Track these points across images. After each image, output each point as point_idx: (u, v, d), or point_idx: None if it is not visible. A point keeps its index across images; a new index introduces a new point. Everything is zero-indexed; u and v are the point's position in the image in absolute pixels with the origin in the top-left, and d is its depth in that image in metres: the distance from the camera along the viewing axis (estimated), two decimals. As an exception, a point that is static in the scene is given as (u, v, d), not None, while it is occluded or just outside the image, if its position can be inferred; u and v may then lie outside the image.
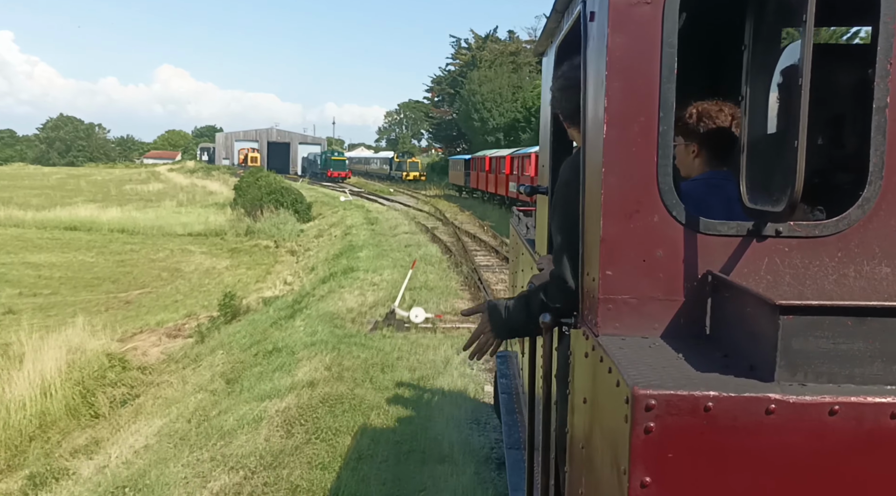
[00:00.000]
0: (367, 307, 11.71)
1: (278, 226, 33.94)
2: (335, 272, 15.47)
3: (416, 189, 58.92)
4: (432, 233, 24.68)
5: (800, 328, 1.37)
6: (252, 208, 37.36)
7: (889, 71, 1.58)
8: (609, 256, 1.69)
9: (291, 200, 37.51)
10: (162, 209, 44.74)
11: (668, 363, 1.52)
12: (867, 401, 1.35)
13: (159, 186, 67.69)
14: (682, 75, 1.74)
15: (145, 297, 19.36)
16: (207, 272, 24.28)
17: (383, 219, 30.33)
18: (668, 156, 1.68)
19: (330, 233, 29.75)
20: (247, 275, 23.47)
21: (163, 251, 29.12)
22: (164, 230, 35.55)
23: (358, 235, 24.13)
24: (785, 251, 1.66)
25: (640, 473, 1.38)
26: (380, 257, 17.68)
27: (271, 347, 9.38)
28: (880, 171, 1.61)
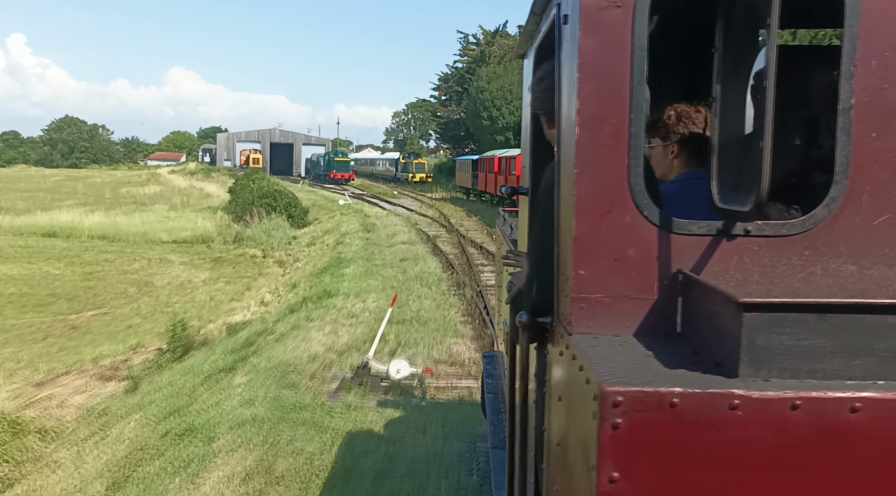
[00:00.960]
0: (337, 353, 8.93)
1: (269, 232, 31.26)
2: (309, 297, 12.69)
3: (422, 191, 56.24)
4: (434, 242, 21.88)
5: (763, 325, 1.40)
6: (243, 213, 34.72)
7: (853, 73, 1.61)
8: (582, 256, 1.71)
9: (285, 204, 34.81)
10: (152, 213, 42.27)
11: (638, 361, 1.54)
12: (828, 395, 1.37)
13: (157, 189, 65.44)
14: (662, 78, 2.11)
15: (97, 321, 16.66)
16: (181, 287, 21.61)
17: (381, 225, 27.57)
18: (639, 157, 1.69)
19: (323, 240, 27.07)
20: (224, 290, 20.77)
21: (140, 261, 26.51)
22: (147, 237, 32.99)
23: (350, 246, 21.38)
24: (754, 250, 1.68)
25: (609, 469, 1.39)
26: (368, 275, 14.89)
27: (185, 426, 6.62)
28: (846, 170, 1.63)
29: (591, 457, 1.43)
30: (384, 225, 27.52)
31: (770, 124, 1.46)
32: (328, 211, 37.66)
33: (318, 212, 38.32)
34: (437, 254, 19.15)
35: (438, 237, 23.79)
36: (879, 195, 1.65)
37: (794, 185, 2.03)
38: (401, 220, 30.00)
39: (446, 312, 11.48)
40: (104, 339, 14.48)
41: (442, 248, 20.65)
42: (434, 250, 20.26)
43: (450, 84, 67.22)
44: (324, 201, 42.72)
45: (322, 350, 9.01)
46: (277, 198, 34.93)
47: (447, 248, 20.98)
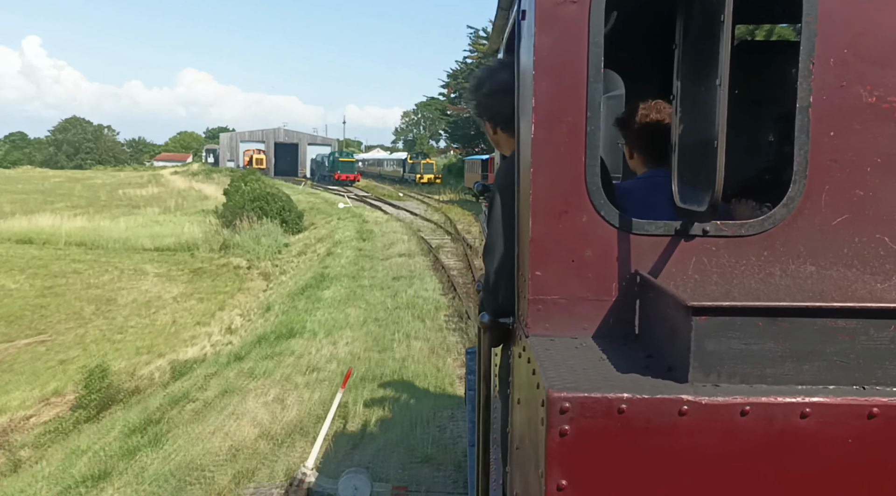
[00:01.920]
0: (274, 441, 6.07)
1: (258, 239, 28.53)
2: (266, 336, 9.84)
3: (430, 193, 53.45)
4: (436, 254, 19.01)
5: (712, 329, 1.38)
6: (233, 218, 32.03)
7: (811, 71, 1.59)
8: (538, 257, 1.68)
9: (278, 209, 32.07)
10: (141, 217, 39.77)
11: (590, 365, 1.51)
12: (778, 401, 1.36)
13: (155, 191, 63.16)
14: (636, 74, 2.30)
15: (28, 353, 13.92)
16: (147, 305, 18.89)
17: (380, 232, 24.75)
18: (595, 156, 1.67)
19: (315, 249, 24.29)
20: (193, 310, 18.03)
21: (111, 272, 23.86)
22: (128, 244, 30.41)
23: (339, 258, 18.54)
24: (712, 250, 1.66)
25: (557, 476, 1.38)
26: (349, 301, 12.04)
27: None
28: (804, 170, 1.62)
29: (541, 463, 1.41)
30: (382, 232, 24.69)
31: (723, 123, 1.44)
32: (326, 215, 34.90)
33: (315, 216, 35.59)
34: (438, 271, 16.27)
35: (442, 247, 20.91)
36: (838, 195, 1.63)
37: (767, 181, 1.94)
38: (402, 226, 27.14)
39: (442, 361, 8.61)
40: (21, 381, 11.73)
41: (444, 261, 17.79)
42: (435, 264, 17.39)
43: (459, 81, 64.30)
44: (323, 204, 39.96)
45: (253, 434, 6.19)
46: (270, 201, 32.19)
47: (450, 261, 18.11)
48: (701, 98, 1.57)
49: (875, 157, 1.61)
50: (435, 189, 56.12)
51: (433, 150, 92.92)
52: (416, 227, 27.19)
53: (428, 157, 67.86)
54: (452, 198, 47.78)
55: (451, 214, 33.45)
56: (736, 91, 1.56)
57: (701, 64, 1.57)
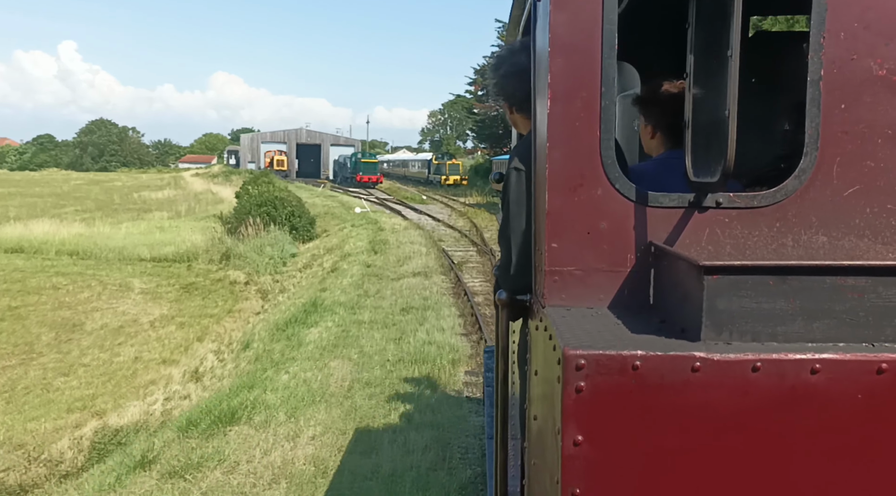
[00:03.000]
0: None
1: (263, 249, 25.63)
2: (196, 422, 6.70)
3: (455, 195, 50.38)
4: (457, 272, 15.79)
5: (723, 288, 1.40)
6: (238, 224, 29.22)
7: (822, 45, 1.61)
8: (554, 229, 1.70)
9: (287, 214, 29.16)
10: (145, 223, 37.34)
11: (605, 328, 1.54)
12: (788, 357, 1.39)
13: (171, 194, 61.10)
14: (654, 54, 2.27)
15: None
16: (118, 331, 16.02)
17: (395, 243, 21.63)
18: (610, 130, 1.68)
19: (322, 262, 21.29)
20: (168, 340, 15.09)
21: (93, 288, 21.13)
22: (124, 253, 27.74)
23: (341, 278, 15.43)
24: (725, 222, 1.68)
25: (573, 432, 1.40)
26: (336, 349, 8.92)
27: None
28: (815, 142, 1.63)
29: (557, 421, 1.43)
30: (398, 242, 21.54)
31: (734, 94, 1.43)
32: (341, 221, 31.94)
33: (329, 222, 32.68)
34: (460, 297, 13.04)
35: (465, 263, 17.67)
36: (849, 166, 1.64)
37: (784, 170, 1.91)
38: (421, 235, 23.96)
39: (457, 475, 5.36)
40: None
41: (468, 282, 14.56)
42: (456, 288, 14.16)
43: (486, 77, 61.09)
44: (339, 209, 37.03)
45: None
46: (278, 206, 29.28)
47: (475, 281, 14.88)
48: (713, 74, 1.56)
49: (886, 129, 1.63)
50: (461, 191, 52.98)
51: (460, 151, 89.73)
52: (438, 236, 24.00)
53: (454, 158, 64.66)
54: (479, 200, 44.51)
55: (477, 220, 30.21)
56: (753, 80, 1.68)
57: (713, 41, 1.58)
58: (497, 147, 59.52)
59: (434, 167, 61.87)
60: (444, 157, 63.68)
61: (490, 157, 57.74)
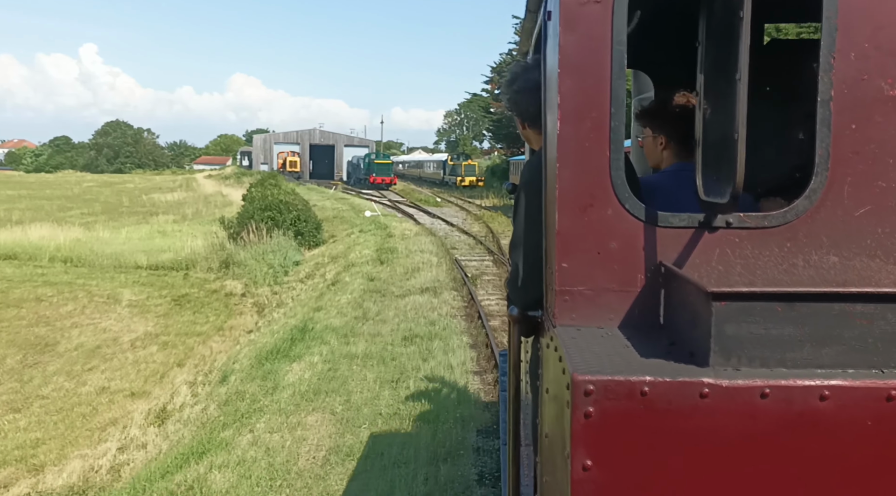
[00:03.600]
0: None
1: (264, 256, 24.01)
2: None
3: (471, 197, 48.58)
4: (471, 289, 13.96)
5: (732, 314, 1.40)
6: (241, 229, 27.64)
7: (832, 65, 1.61)
8: (564, 249, 1.71)
9: (292, 219, 27.50)
10: (148, 227, 35.94)
11: (615, 351, 1.54)
12: (796, 383, 1.37)
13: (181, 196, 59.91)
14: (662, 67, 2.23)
15: None
16: (93, 353, 14.41)
17: (404, 251, 19.86)
18: (619, 151, 1.69)
19: (324, 273, 19.59)
20: (145, 364, 13.43)
21: (79, 300, 19.61)
22: (120, 260, 26.27)
23: (339, 295, 13.68)
24: (736, 242, 1.68)
25: (582, 457, 1.40)
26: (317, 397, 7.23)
27: None
28: (826, 162, 1.64)
29: (566, 445, 1.44)
30: (408, 251, 19.77)
31: (743, 117, 1.45)
32: (349, 225, 30.26)
33: (338, 226, 31.02)
34: (472, 322, 11.21)
35: (480, 276, 15.83)
36: (860, 186, 1.64)
37: (797, 179, 1.98)
38: (433, 242, 22.16)
39: None
40: None
41: (483, 300, 12.73)
42: (468, 309, 12.33)
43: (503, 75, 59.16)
44: (349, 212, 35.36)
45: None
46: (283, 210, 27.63)
47: (492, 300, 13.05)
48: (723, 93, 1.58)
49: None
50: (477, 192, 51.16)
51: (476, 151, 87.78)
52: (451, 243, 22.19)
53: (470, 158, 62.78)
54: (496, 203, 42.65)
55: (493, 224, 28.38)
56: (767, 88, 1.63)
57: (722, 60, 1.58)
58: (514, 147, 57.57)
59: (449, 168, 60.06)
60: (460, 157, 61.82)
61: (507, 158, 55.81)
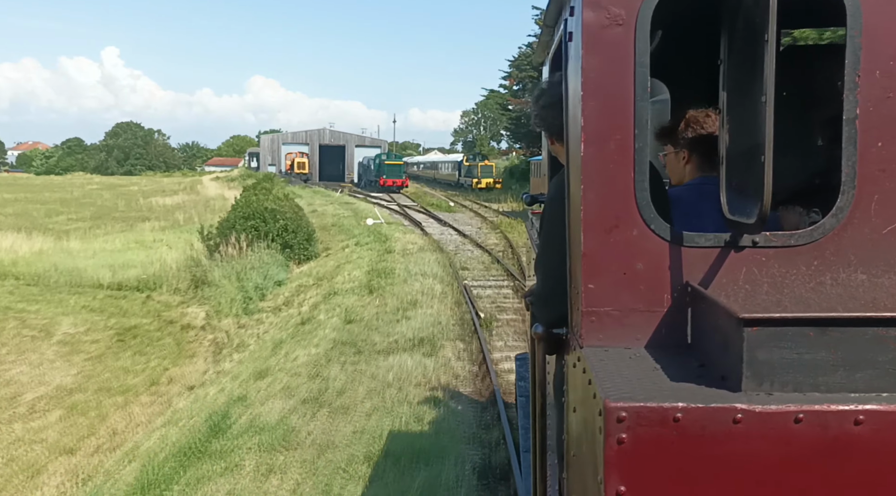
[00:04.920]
0: None
1: (244, 274, 20.25)
2: None
3: (488, 200, 44.60)
4: (484, 341, 9.95)
5: (764, 339, 1.40)
6: (220, 241, 23.93)
7: (857, 83, 1.61)
8: (590, 270, 1.71)
9: (279, 229, 23.72)
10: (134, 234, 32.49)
11: (644, 375, 1.53)
12: (831, 408, 1.36)
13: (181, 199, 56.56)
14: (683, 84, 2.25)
15: None
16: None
17: (402, 274, 15.93)
18: (644, 171, 1.70)
19: (302, 302, 15.73)
20: (31, 443, 9.64)
21: (6, 333, 15.92)
22: (81, 276, 22.69)
23: (298, 350, 9.77)
24: (762, 261, 1.68)
25: (615, 483, 1.40)
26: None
27: None
28: (853, 180, 1.63)
29: (599, 471, 1.44)
30: (407, 273, 15.83)
31: (770, 138, 1.46)
32: (348, 235, 26.43)
33: (335, 236, 27.22)
34: (486, 412, 7.17)
35: (498, 315, 11.83)
36: (887, 204, 1.64)
37: (816, 185, 1.96)
38: (439, 261, 18.19)
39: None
40: None
41: (501, 365, 8.72)
42: (480, 380, 8.31)
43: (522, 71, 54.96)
44: (351, 220, 31.54)
45: None
46: (268, 219, 23.85)
47: (510, 365, 9.02)
48: (747, 112, 1.58)
49: None
50: (494, 195, 47.18)
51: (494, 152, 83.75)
52: (461, 261, 18.20)
53: (486, 159, 58.77)
54: (515, 208, 38.61)
55: (513, 235, 24.38)
56: (784, 93, 1.59)
57: (746, 79, 1.58)
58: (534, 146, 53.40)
59: (465, 169, 56.09)
60: (476, 157, 57.82)
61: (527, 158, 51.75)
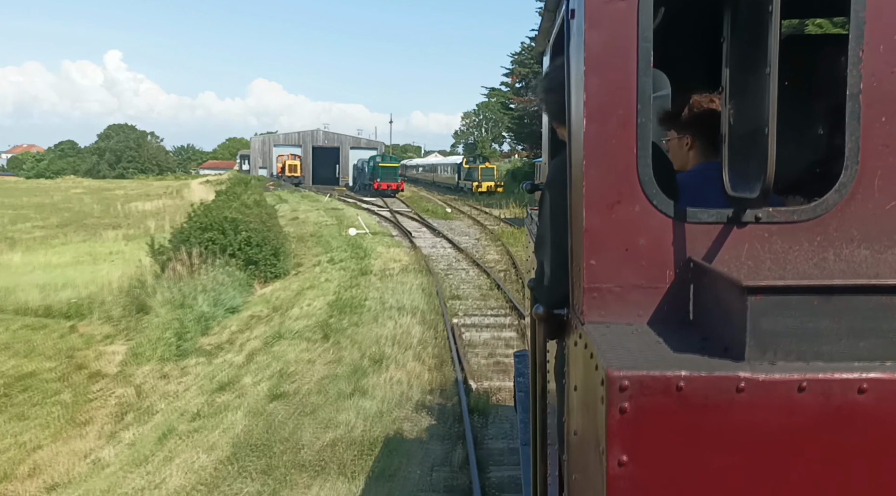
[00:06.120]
0: None
1: (192, 298, 16.66)
2: None
3: (489, 205, 41.05)
4: (468, 434, 6.33)
5: (767, 308, 1.40)
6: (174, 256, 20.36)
7: (861, 58, 1.61)
8: (592, 246, 1.71)
9: (241, 242, 20.13)
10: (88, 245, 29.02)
11: (647, 347, 1.55)
12: (835, 377, 1.37)
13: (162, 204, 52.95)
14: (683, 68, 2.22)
15: None
16: None
17: (374, 308, 12.30)
18: (647, 147, 1.70)
19: (243, 341, 12.14)
20: None
21: None
22: (6, 297, 19.10)
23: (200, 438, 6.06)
24: (765, 237, 1.68)
25: (618, 452, 1.40)
26: None
27: None
28: (856, 155, 1.63)
29: (601, 441, 1.45)
30: (380, 307, 12.21)
31: (774, 111, 1.45)
32: (325, 248, 22.88)
33: (312, 249, 23.67)
34: None
35: (497, 382, 8.19)
36: (891, 179, 1.63)
37: (816, 175, 1.91)
38: (424, 286, 14.56)
39: None
40: None
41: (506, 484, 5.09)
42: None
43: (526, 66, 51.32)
44: (333, 228, 27.98)
45: None
46: (228, 231, 20.25)
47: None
48: (750, 87, 1.58)
49: None
50: (495, 200, 43.60)
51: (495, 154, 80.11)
52: (452, 288, 14.58)
53: (487, 161, 55.14)
54: (518, 213, 35.03)
55: (516, 249, 20.78)
56: (786, 82, 1.60)
57: (749, 54, 1.57)
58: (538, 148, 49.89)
59: (465, 172, 52.46)
60: (476, 159, 54.21)
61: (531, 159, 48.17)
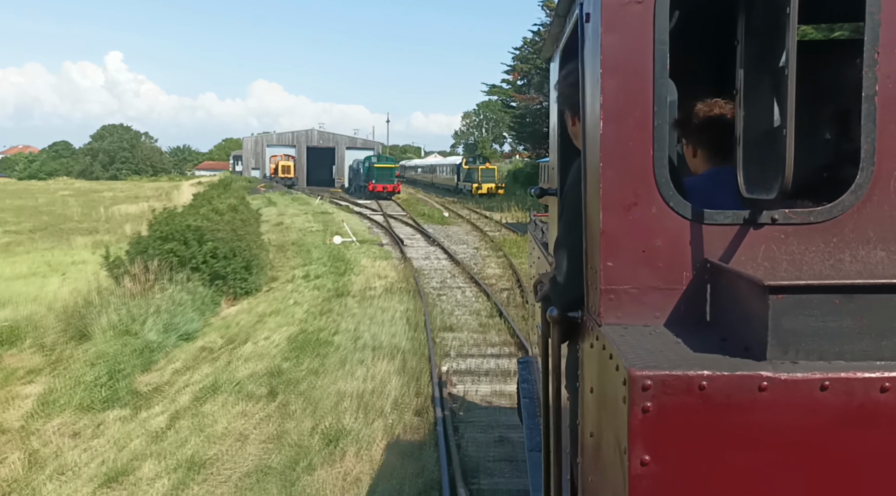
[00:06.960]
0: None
1: (137, 323, 14.18)
2: None
3: (490, 208, 38.58)
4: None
5: (789, 307, 1.40)
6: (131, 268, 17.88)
7: (876, 60, 1.61)
8: (609, 248, 1.71)
9: (205, 254, 17.63)
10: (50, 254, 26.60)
11: (666, 347, 1.55)
12: (857, 376, 1.37)
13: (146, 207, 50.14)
14: (691, 74, 2.16)
15: None
16: None
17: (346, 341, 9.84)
18: (663, 149, 1.69)
19: (180, 388, 9.61)
20: None
21: None
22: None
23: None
24: (781, 238, 1.68)
25: (640, 452, 1.40)
26: None
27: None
28: (871, 157, 1.63)
29: (622, 440, 1.43)
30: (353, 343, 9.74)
31: (792, 112, 1.44)
32: (305, 260, 20.41)
33: (291, 260, 21.23)
34: None
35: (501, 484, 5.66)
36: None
37: (825, 179, 1.92)
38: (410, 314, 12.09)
39: None
40: None
41: None
42: None
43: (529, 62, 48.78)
44: (318, 235, 25.50)
45: None
46: (190, 243, 17.74)
47: None
48: (766, 89, 1.56)
49: None
50: (496, 203, 41.18)
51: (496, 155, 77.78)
52: (444, 316, 12.09)
53: (488, 162, 52.66)
54: (521, 218, 32.57)
55: (520, 260, 18.30)
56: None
57: (765, 56, 1.56)
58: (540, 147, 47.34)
59: (464, 173, 49.99)
60: (476, 160, 51.66)
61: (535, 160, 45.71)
